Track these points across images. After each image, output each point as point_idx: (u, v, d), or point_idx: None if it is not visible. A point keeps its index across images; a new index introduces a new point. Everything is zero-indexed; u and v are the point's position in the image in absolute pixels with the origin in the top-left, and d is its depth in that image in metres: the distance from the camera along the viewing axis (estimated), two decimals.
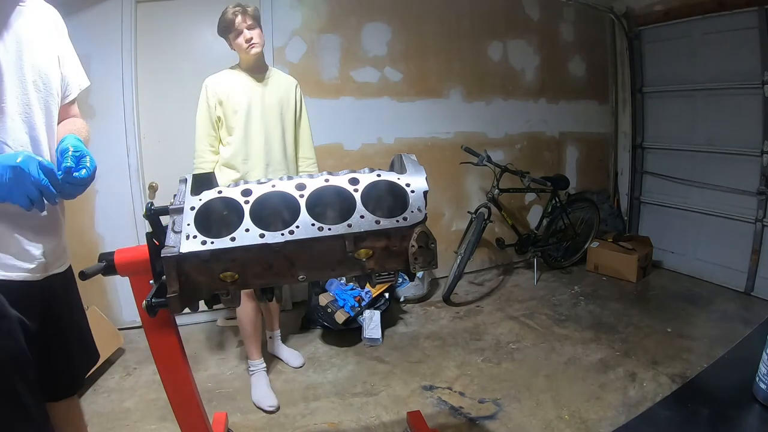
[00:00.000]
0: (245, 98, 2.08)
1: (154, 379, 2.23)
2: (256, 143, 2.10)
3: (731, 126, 3.29)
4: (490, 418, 2.00)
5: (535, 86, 3.79)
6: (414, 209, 0.90)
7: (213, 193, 0.88)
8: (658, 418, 0.92)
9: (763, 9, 2.95)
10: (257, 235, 0.83)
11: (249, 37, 2.02)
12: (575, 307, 3.11)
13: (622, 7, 3.87)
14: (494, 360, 2.47)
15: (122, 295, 2.74)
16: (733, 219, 3.32)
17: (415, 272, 0.96)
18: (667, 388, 2.14)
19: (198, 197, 0.87)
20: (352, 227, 0.87)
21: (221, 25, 2.06)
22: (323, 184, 0.90)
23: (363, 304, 2.69)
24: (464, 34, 3.45)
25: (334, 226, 0.87)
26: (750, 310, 2.99)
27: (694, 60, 3.45)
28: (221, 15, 2.05)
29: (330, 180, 0.91)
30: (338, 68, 3.10)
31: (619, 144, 4.19)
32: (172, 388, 1.11)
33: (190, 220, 0.84)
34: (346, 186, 0.91)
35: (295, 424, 1.98)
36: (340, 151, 3.17)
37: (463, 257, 3.10)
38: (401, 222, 0.89)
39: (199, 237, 0.82)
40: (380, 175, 0.92)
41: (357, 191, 0.90)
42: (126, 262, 0.99)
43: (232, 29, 2.02)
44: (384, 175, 0.93)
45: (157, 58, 2.67)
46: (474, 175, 3.59)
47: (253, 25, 2.03)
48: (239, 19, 2.01)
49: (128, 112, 2.65)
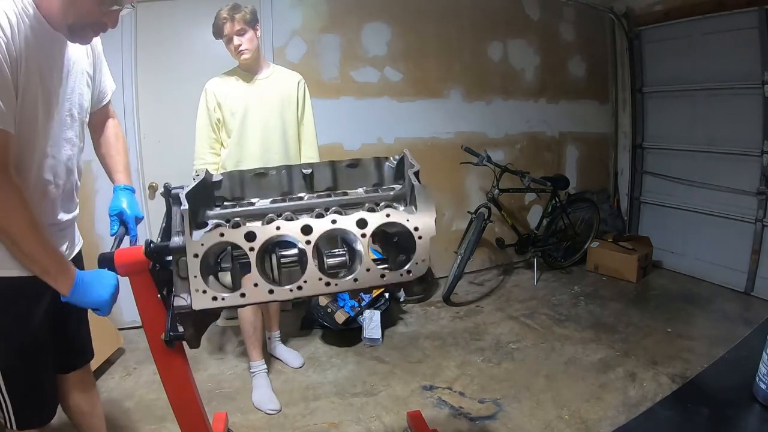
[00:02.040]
0: (242, 100, 2.08)
1: (154, 379, 2.23)
2: (251, 145, 2.10)
3: (731, 126, 3.29)
4: (490, 418, 2.00)
5: (535, 86, 3.79)
6: (419, 261, 0.90)
7: (215, 236, 0.86)
8: (658, 418, 0.92)
9: (763, 9, 2.95)
10: (266, 291, 0.84)
11: (237, 44, 2.01)
12: (575, 307, 3.11)
13: (622, 7, 3.87)
14: (494, 360, 2.47)
15: (122, 295, 2.72)
16: (733, 219, 3.32)
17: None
18: (667, 388, 2.14)
19: (200, 242, 0.85)
20: (358, 282, 0.88)
21: (213, 29, 2.05)
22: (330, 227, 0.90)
23: (363, 304, 2.69)
24: (464, 34, 3.45)
25: (340, 282, 0.87)
26: (750, 310, 2.99)
27: (694, 60, 3.45)
28: (214, 18, 2.03)
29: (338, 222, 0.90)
30: (338, 68, 3.10)
31: (619, 144, 4.19)
32: (172, 388, 1.11)
33: (196, 272, 0.83)
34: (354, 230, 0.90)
35: (295, 424, 1.98)
36: (340, 151, 3.17)
37: (463, 257, 3.10)
38: (405, 276, 0.90)
39: (209, 293, 0.83)
40: (389, 215, 0.92)
41: (365, 236, 0.89)
42: (126, 263, 0.99)
43: (222, 35, 2.03)
44: (393, 216, 0.92)
45: (157, 58, 2.66)
46: (474, 175, 3.59)
47: (242, 30, 2.00)
48: (228, 27, 1.99)
49: (128, 112, 2.64)
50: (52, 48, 1.05)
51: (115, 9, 1.01)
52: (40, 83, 1.02)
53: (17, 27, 0.94)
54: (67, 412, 1.43)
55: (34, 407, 1.20)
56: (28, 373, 1.17)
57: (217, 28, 2.02)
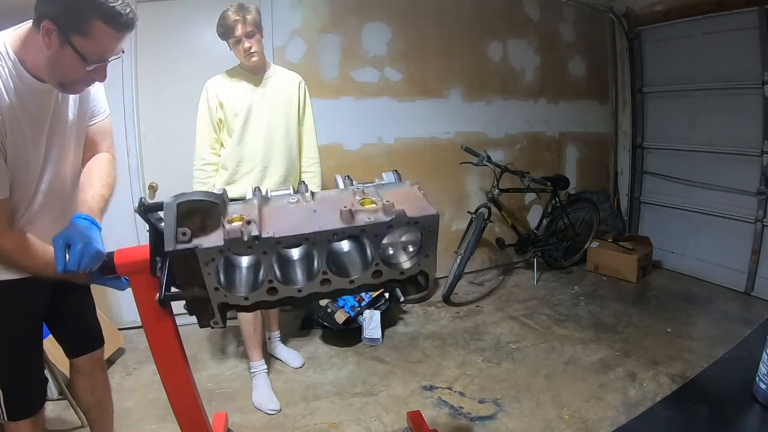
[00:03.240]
0: (245, 101, 2.07)
1: (154, 379, 2.22)
2: (253, 146, 2.09)
3: (731, 126, 3.29)
4: (490, 418, 2.00)
5: (535, 86, 3.79)
6: None
7: None
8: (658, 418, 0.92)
9: (763, 9, 2.95)
10: None
11: (247, 47, 1.99)
12: (575, 307, 3.11)
13: (622, 7, 3.87)
14: (494, 360, 2.47)
15: (122, 295, 2.69)
16: (733, 219, 3.32)
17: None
18: (667, 388, 2.14)
19: None
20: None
21: (220, 29, 2.01)
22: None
23: (363, 304, 2.69)
24: (464, 34, 3.44)
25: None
26: (750, 310, 2.99)
27: (694, 60, 3.45)
28: (221, 18, 1.99)
29: None
30: (338, 68, 3.10)
31: (619, 144, 4.19)
32: (172, 388, 1.11)
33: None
34: None
35: (295, 424, 1.98)
36: (341, 151, 3.17)
37: (463, 257, 3.10)
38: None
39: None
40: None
41: None
42: (126, 262, 0.99)
43: (231, 36, 1.99)
44: None
45: (157, 58, 2.66)
46: (474, 175, 3.59)
47: (252, 32, 1.99)
48: (239, 29, 1.96)
49: (128, 112, 2.64)
50: (41, 100, 1.06)
51: (101, 65, 1.02)
52: (30, 136, 1.05)
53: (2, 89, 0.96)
54: (76, 401, 1.48)
55: (26, 398, 1.24)
56: (21, 366, 1.23)
57: (226, 28, 1.98)
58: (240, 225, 0.85)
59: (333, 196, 0.96)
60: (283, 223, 0.88)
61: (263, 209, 0.91)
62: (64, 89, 1.06)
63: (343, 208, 0.87)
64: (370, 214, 0.88)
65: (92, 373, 1.48)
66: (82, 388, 1.50)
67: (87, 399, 1.52)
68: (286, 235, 0.85)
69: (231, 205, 0.93)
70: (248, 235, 0.83)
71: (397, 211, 0.87)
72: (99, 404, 1.53)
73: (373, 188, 0.98)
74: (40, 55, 0.98)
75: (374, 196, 0.94)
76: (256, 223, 0.85)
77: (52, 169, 1.14)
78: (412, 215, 0.89)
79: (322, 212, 0.90)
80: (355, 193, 0.96)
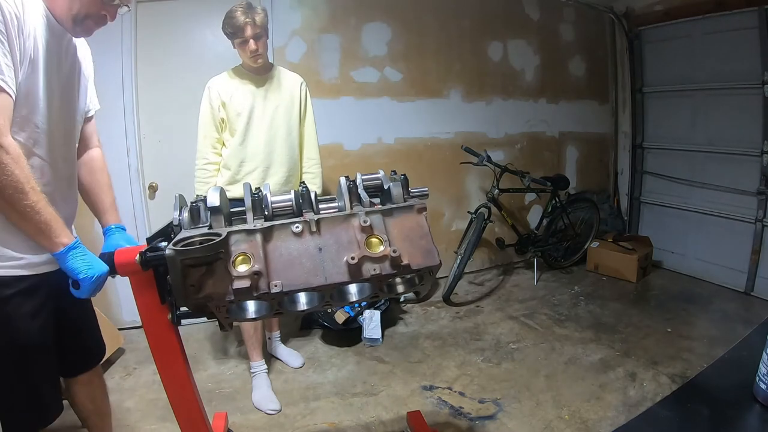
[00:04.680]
0: (248, 101, 2.06)
1: (154, 379, 2.23)
2: (255, 146, 2.09)
3: (731, 126, 3.29)
4: (490, 418, 2.00)
5: (535, 86, 3.79)
6: None
7: None
8: (658, 418, 0.92)
9: (763, 9, 2.95)
10: None
11: (254, 49, 1.97)
12: (575, 307, 3.11)
13: (622, 7, 3.87)
14: (494, 360, 2.47)
15: (122, 295, 2.74)
16: (733, 219, 3.32)
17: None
18: (667, 388, 2.14)
19: None
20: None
21: (228, 28, 1.97)
22: None
23: (363, 303, 2.69)
24: (464, 34, 3.45)
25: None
26: (750, 310, 2.99)
27: (694, 60, 3.45)
28: (229, 17, 1.95)
29: None
30: (338, 68, 3.10)
31: (619, 144, 4.19)
32: (172, 388, 1.11)
33: None
34: None
35: (295, 424, 1.98)
36: (341, 151, 3.17)
37: (463, 257, 3.10)
38: None
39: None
40: None
41: None
42: (126, 262, 0.99)
43: (239, 36, 1.96)
44: None
45: (157, 58, 2.66)
46: (474, 175, 3.59)
47: (260, 34, 1.96)
48: (249, 30, 1.93)
49: (128, 112, 2.64)
50: (58, 41, 1.12)
51: (115, 3, 1.11)
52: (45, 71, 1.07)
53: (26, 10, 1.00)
54: (74, 409, 1.46)
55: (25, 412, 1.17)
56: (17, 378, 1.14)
57: (235, 29, 1.94)
58: (247, 273, 0.87)
59: (338, 226, 0.96)
60: (290, 271, 0.90)
61: (267, 247, 0.92)
62: (75, 28, 1.11)
63: (350, 260, 0.90)
64: (376, 265, 0.91)
65: (90, 382, 1.46)
66: (80, 397, 1.45)
67: (86, 407, 1.48)
68: (293, 289, 0.89)
69: (233, 234, 0.92)
70: (257, 290, 0.87)
71: (403, 264, 0.92)
72: (98, 411, 1.50)
73: (380, 215, 0.97)
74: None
75: (380, 227, 0.95)
76: (263, 273, 0.88)
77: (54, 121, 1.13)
78: (417, 264, 0.93)
79: (328, 254, 0.93)
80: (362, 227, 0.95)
